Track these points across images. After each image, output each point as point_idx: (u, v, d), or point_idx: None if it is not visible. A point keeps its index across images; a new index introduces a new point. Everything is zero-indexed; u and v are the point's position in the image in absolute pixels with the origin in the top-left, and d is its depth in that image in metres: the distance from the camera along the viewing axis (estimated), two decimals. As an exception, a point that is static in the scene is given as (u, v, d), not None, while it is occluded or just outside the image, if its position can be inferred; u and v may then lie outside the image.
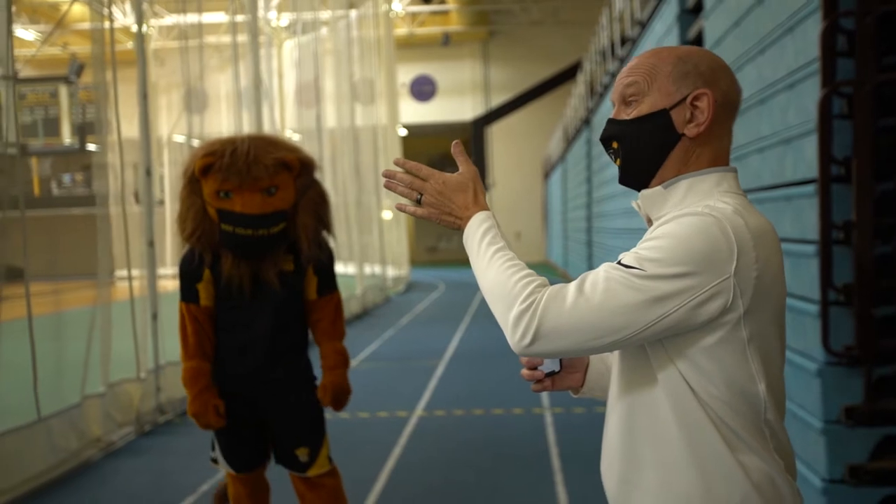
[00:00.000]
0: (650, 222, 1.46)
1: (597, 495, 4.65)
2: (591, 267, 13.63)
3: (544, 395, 7.01)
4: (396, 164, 1.57)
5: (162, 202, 22.17)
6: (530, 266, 1.37)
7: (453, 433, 5.88)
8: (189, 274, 3.41)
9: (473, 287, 18.51)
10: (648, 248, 1.27)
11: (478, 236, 1.42)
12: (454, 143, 1.56)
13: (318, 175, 3.66)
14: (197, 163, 3.34)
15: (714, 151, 1.41)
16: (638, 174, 1.44)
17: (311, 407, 3.48)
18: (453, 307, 15.39)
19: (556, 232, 23.89)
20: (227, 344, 3.42)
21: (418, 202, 1.49)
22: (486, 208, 1.47)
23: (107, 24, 6.72)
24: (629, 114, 1.42)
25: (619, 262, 1.28)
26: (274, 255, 3.38)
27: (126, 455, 5.73)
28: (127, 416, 6.30)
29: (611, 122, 1.45)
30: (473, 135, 28.21)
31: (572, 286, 1.29)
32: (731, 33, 4.71)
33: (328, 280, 3.52)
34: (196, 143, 16.45)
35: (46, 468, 5.17)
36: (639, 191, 1.46)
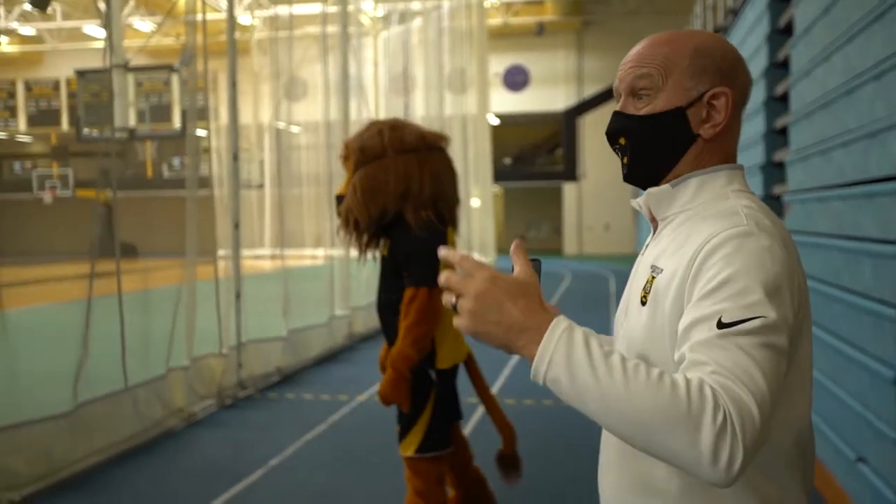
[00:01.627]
0: (654, 222, 1.39)
1: None
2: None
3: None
4: (440, 256, 1.21)
5: (261, 185, 22.82)
6: (621, 259, 1.25)
7: (523, 423, 5.81)
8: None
9: (556, 277, 18.50)
10: (737, 294, 1.09)
11: (579, 349, 1.06)
12: (515, 242, 1.24)
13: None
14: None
15: (726, 149, 1.32)
16: (648, 174, 1.35)
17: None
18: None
19: (647, 224, 23.36)
20: None
21: (454, 308, 1.12)
22: (558, 313, 1.16)
23: (209, 15, 6.87)
24: (640, 109, 1.31)
25: (720, 323, 1.08)
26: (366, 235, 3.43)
27: (206, 426, 5.89)
28: (209, 389, 6.46)
29: (618, 115, 1.34)
30: (566, 125, 27.86)
31: (737, 380, 1.03)
32: (820, 21, 4.48)
33: (413, 271, 3.25)
34: (294, 129, 16.84)
35: (132, 434, 5.35)
36: (645, 188, 1.37)
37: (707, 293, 1.12)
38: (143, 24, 23.14)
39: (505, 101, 28.33)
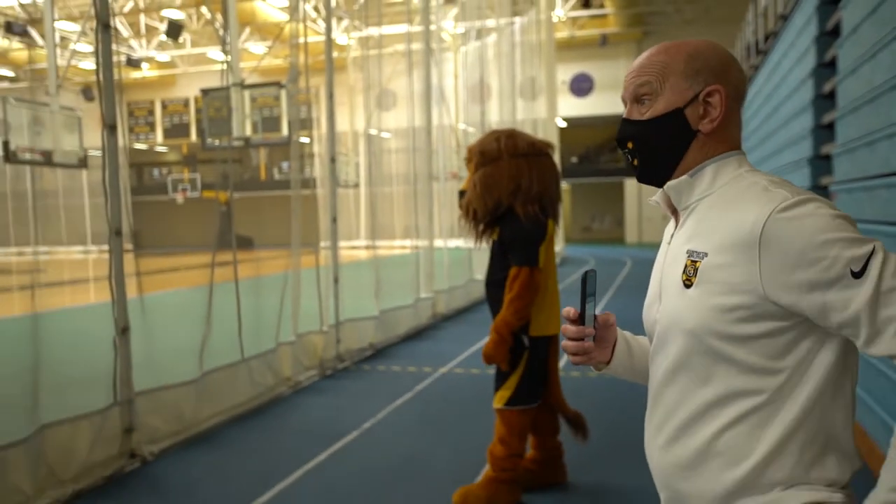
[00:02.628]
0: (675, 214, 1.36)
1: None
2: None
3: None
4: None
5: (357, 185, 23.13)
6: None
7: (589, 391, 5.72)
8: None
9: (620, 264, 18.19)
10: (832, 248, 1.10)
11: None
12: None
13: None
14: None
15: (728, 139, 1.29)
16: (658, 172, 1.33)
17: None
18: (601, 281, 15.01)
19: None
20: None
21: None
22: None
23: (311, 38, 6.97)
24: (643, 114, 1.30)
25: (852, 273, 1.10)
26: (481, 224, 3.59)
27: (309, 393, 5.97)
28: (312, 361, 6.56)
29: (625, 122, 1.33)
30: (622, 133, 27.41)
31: None
32: (867, 21, 4.26)
33: (517, 254, 3.42)
34: (384, 134, 16.87)
35: (247, 399, 5.49)
36: (660, 186, 1.34)
37: (835, 280, 1.11)
38: (257, 47, 23.73)
39: (572, 106, 28.04)
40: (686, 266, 1.25)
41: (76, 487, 3.85)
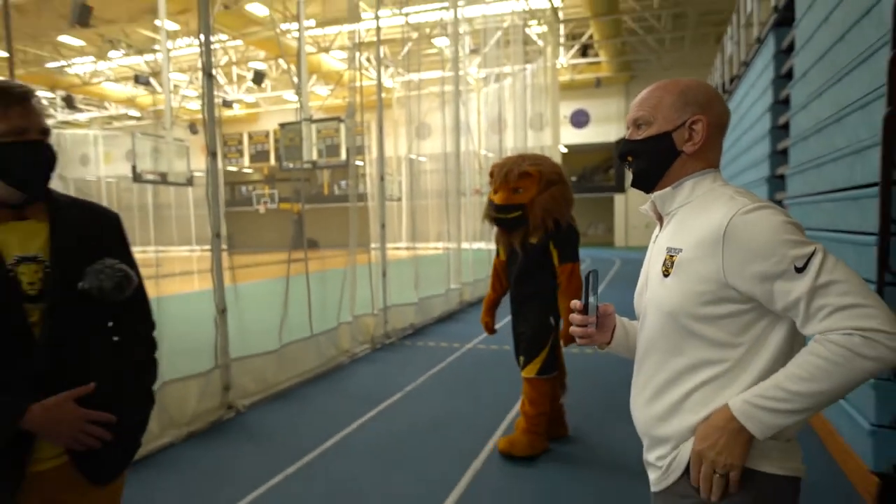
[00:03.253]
0: (660, 219, 1.35)
1: None
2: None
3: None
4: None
5: (400, 199, 23.16)
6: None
7: (597, 361, 5.67)
8: (497, 239, 3.67)
9: (611, 262, 17.94)
10: (779, 247, 1.10)
11: (772, 403, 1.10)
12: None
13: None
14: (490, 172, 3.58)
15: (707, 160, 1.29)
16: (646, 181, 1.33)
17: (530, 332, 3.45)
18: (599, 275, 14.86)
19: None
20: (509, 284, 3.63)
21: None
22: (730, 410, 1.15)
23: (365, 82, 7.02)
24: (640, 135, 1.31)
25: (796, 269, 1.10)
26: (517, 231, 3.43)
27: (364, 362, 5.99)
28: (365, 337, 6.59)
29: (626, 141, 1.34)
30: (616, 151, 26.99)
31: (836, 309, 1.07)
32: (814, 67, 4.18)
33: (563, 254, 3.36)
34: (421, 158, 16.90)
35: (316, 366, 5.53)
36: (647, 192, 1.35)
37: (781, 273, 1.11)
38: (322, 90, 23.87)
39: (572, 136, 27.76)
40: (665, 260, 1.26)
41: (189, 430, 3.96)
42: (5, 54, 3.61)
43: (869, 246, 2.98)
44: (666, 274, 1.25)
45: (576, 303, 1.40)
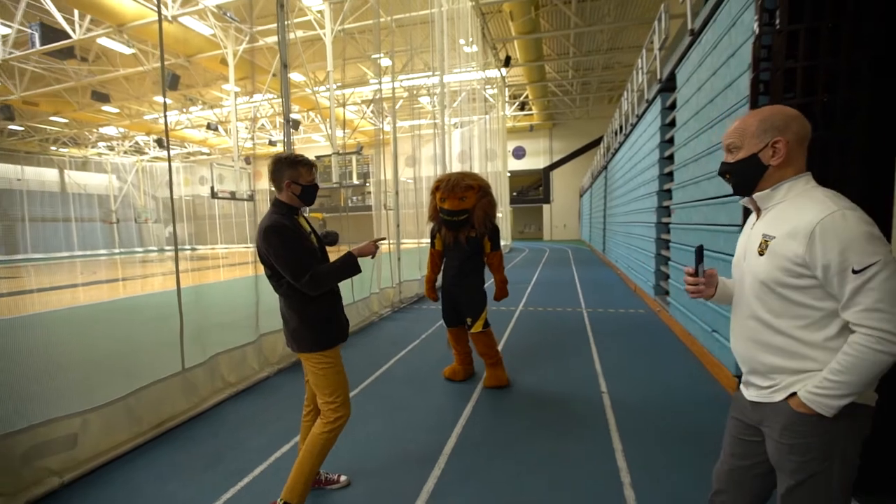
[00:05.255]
0: (759, 211, 1.26)
1: (609, 351, 4.41)
2: (605, 240, 13.28)
3: (582, 301, 6.71)
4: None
5: (392, 209, 22.99)
6: (570, 243, 1.29)
7: (536, 317, 5.83)
8: (432, 234, 3.51)
9: (543, 251, 18.21)
10: (850, 251, 1.03)
11: (823, 391, 1.08)
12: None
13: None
14: (434, 185, 3.43)
15: (796, 168, 1.19)
16: (745, 189, 1.25)
17: (473, 300, 3.36)
18: (534, 260, 15.08)
19: (585, 223, 22.83)
20: (444, 267, 3.48)
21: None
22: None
23: (369, 128, 7.00)
24: (733, 158, 1.24)
25: (853, 271, 1.04)
26: (463, 229, 3.32)
27: (387, 320, 5.95)
28: (388, 302, 6.55)
29: (723, 163, 1.26)
30: (544, 175, 27.29)
31: (868, 309, 1.04)
32: (692, 118, 4.29)
33: (495, 243, 3.35)
34: (409, 180, 16.80)
35: (356, 323, 5.50)
36: (747, 196, 1.26)
37: (841, 269, 1.05)
38: (340, 132, 23.51)
39: (513, 164, 27.78)
40: (761, 243, 1.20)
41: (279, 367, 3.89)
42: (116, 109, 3.52)
43: (734, 234, 3.17)
44: (761, 253, 1.19)
45: (689, 269, 1.32)
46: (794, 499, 1.14)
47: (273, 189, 1.99)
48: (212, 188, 10.10)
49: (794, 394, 1.14)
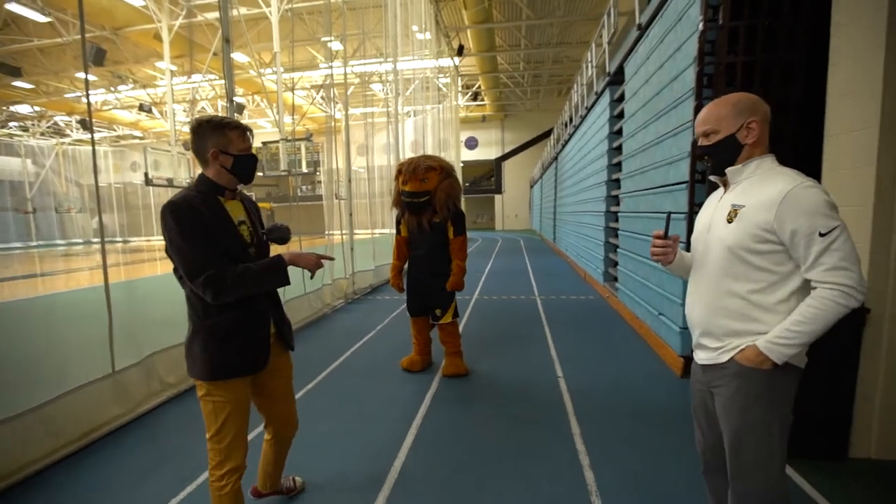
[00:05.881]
0: (726, 186, 1.34)
1: (563, 337, 4.50)
2: (555, 230, 13.59)
3: (535, 289, 6.84)
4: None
5: (345, 199, 22.41)
6: (521, 232, 1.30)
7: (491, 306, 5.88)
8: (398, 220, 3.38)
9: (496, 241, 18.49)
10: (816, 217, 1.12)
11: (783, 340, 1.17)
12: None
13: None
14: (396, 169, 3.30)
15: (762, 146, 1.28)
16: (721, 168, 1.32)
17: (443, 290, 3.27)
18: (487, 249, 15.25)
19: (536, 213, 23.41)
20: (411, 255, 3.36)
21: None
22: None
23: (318, 114, 6.71)
24: (711, 140, 1.30)
25: (819, 234, 1.13)
26: (424, 212, 3.21)
27: (340, 312, 5.80)
28: (340, 293, 6.39)
29: (701, 147, 1.33)
30: (495, 166, 27.62)
31: (833, 268, 1.13)
32: (640, 110, 4.43)
33: (458, 228, 3.23)
34: (360, 170, 16.46)
35: (308, 315, 5.32)
36: (722, 175, 1.33)
37: (809, 233, 1.13)
38: (289, 119, 22.45)
39: (466, 155, 27.89)
40: (730, 212, 1.26)
41: None
42: (30, 85, 3.12)
43: (681, 221, 3.31)
44: (730, 221, 1.25)
45: (658, 231, 1.40)
46: (743, 452, 1.23)
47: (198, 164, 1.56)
48: (146, 175, 9.29)
49: (742, 351, 1.24)
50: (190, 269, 1.43)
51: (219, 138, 1.52)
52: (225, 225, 1.51)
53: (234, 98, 4.47)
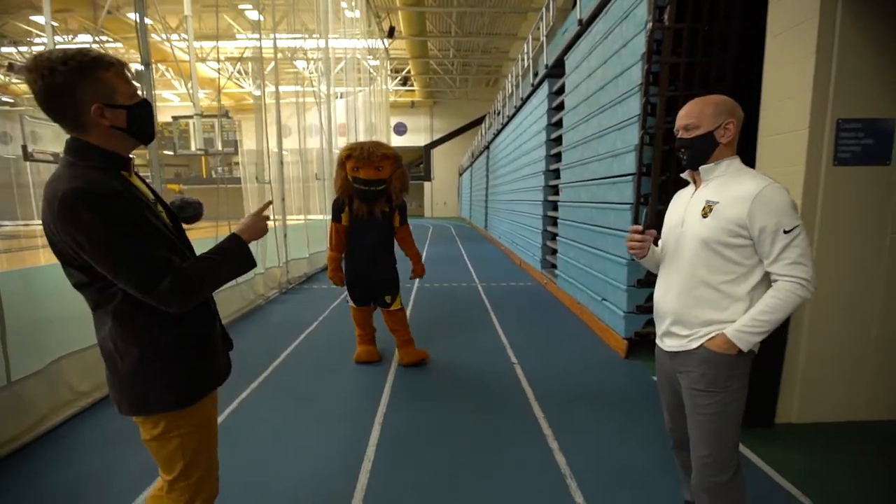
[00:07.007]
0: (696, 182, 1.39)
1: (510, 322, 4.57)
2: (487, 218, 13.80)
3: (474, 275, 6.93)
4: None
5: (269, 182, 20.94)
6: (451, 220, 1.28)
7: (434, 293, 5.84)
8: (338, 208, 3.17)
9: (427, 228, 18.49)
10: (782, 215, 1.21)
11: (749, 329, 1.26)
12: None
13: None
14: (344, 154, 3.10)
15: (732, 148, 1.35)
16: (697, 163, 1.37)
17: (392, 277, 3.27)
18: (420, 237, 15.15)
19: (465, 202, 23.72)
20: (353, 245, 3.20)
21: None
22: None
23: (237, 90, 6.11)
24: (690, 135, 1.35)
25: (784, 231, 1.21)
26: (378, 201, 3.14)
27: (275, 303, 5.44)
28: (274, 283, 5.98)
29: (680, 139, 1.37)
30: (425, 153, 27.42)
31: (793, 262, 1.22)
32: (581, 103, 4.52)
33: (403, 217, 3.27)
34: (285, 152, 15.39)
35: (241, 307, 4.93)
36: (696, 169, 1.38)
37: (776, 229, 1.22)
38: (201, 93, 20.25)
39: (395, 141, 27.30)
40: (704, 207, 1.33)
41: None
42: None
43: (625, 211, 3.47)
44: (704, 216, 1.31)
45: (637, 227, 1.43)
46: (706, 429, 1.33)
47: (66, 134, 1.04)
48: (23, 147, 7.75)
49: (712, 339, 1.32)
50: (143, 279, 1.04)
51: (94, 84, 1.03)
52: (150, 210, 1.11)
53: (141, 65, 3.83)
